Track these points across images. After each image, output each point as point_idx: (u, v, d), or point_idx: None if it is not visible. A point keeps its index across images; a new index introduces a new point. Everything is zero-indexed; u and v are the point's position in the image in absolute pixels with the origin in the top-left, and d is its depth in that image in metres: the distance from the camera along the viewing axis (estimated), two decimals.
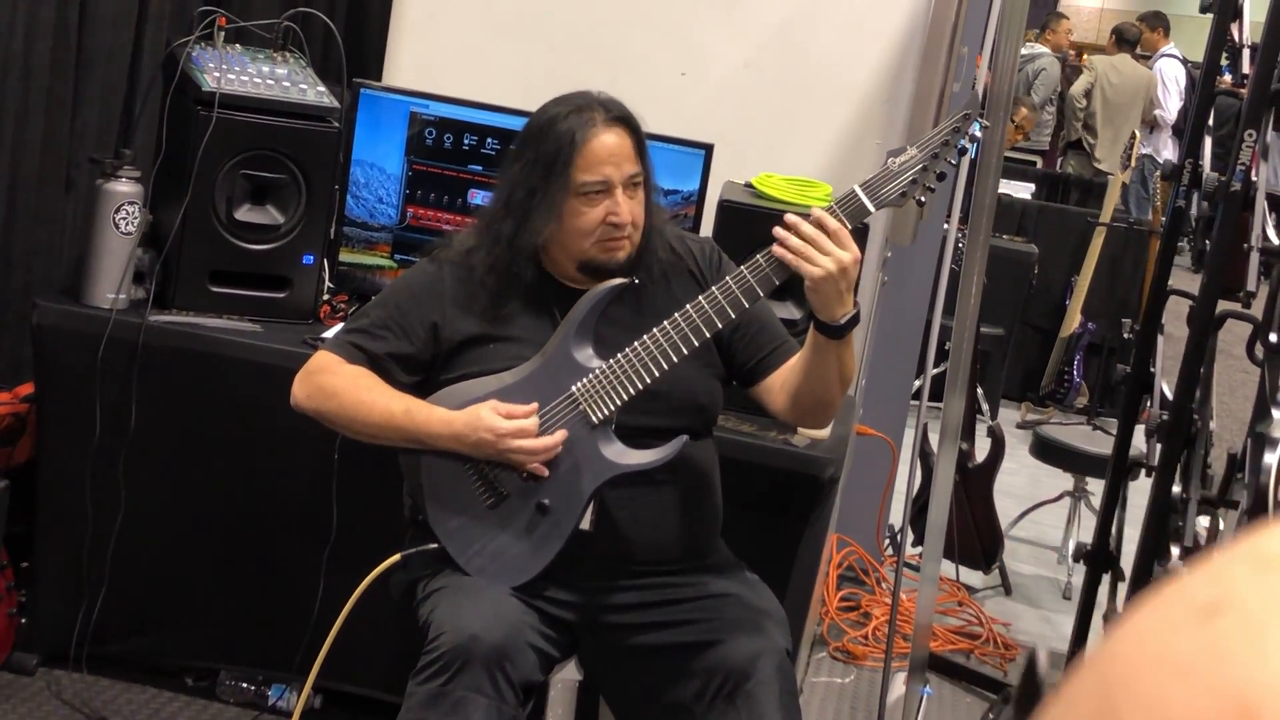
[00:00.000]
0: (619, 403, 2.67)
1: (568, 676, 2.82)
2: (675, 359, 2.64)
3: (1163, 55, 11.47)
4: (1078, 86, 11.15)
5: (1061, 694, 0.42)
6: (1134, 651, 0.41)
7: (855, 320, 2.62)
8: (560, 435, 2.66)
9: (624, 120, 2.76)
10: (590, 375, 2.68)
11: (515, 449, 2.65)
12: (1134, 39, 11.22)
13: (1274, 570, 0.40)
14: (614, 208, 2.71)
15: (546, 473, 2.68)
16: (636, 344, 2.65)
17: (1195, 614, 0.40)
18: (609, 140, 2.72)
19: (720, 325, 2.64)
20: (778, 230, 2.57)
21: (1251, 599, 0.39)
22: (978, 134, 2.66)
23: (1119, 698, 0.40)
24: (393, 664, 3.11)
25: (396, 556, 2.79)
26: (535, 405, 2.68)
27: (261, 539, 3.50)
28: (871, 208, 2.61)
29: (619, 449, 2.69)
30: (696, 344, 2.65)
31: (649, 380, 2.65)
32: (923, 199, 2.66)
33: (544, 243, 2.74)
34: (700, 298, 2.64)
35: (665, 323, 2.65)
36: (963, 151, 2.66)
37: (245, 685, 3.55)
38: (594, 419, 2.68)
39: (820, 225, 2.54)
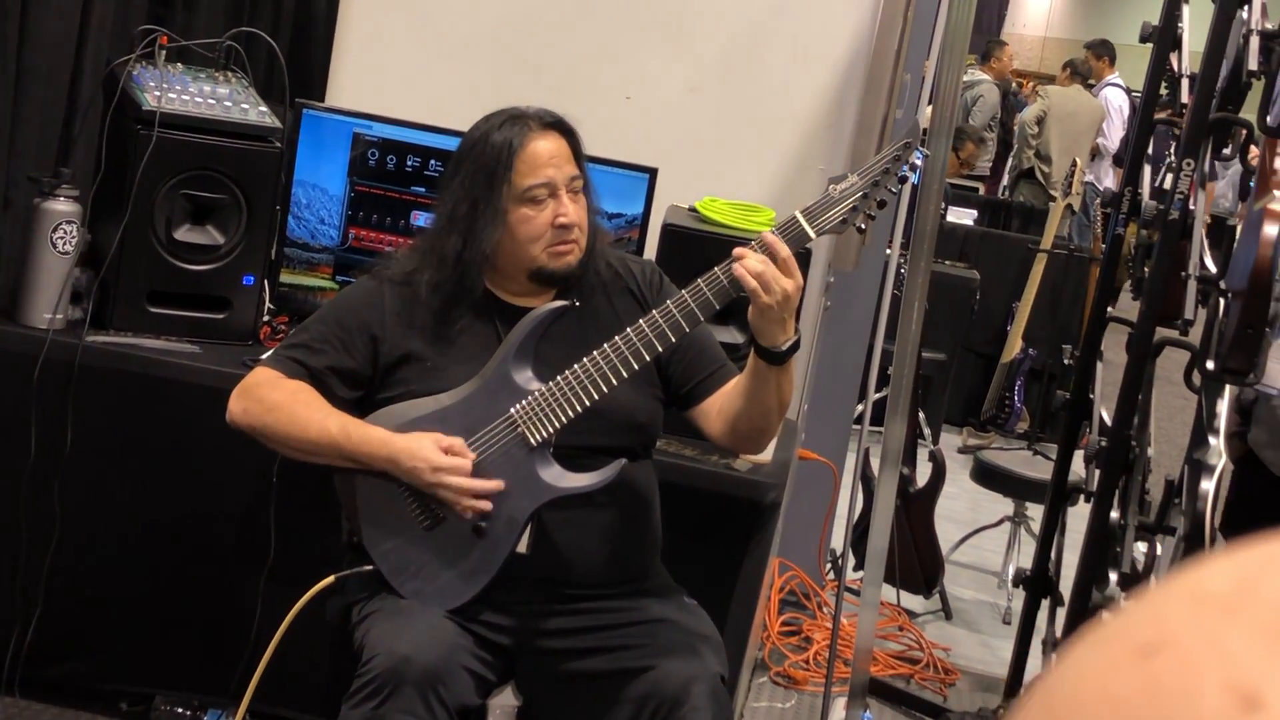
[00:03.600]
0: (558, 425, 2.66)
1: (505, 702, 2.80)
2: (615, 382, 2.63)
3: (1107, 84, 11.58)
4: (1029, 113, 11.23)
5: None
6: (1075, 689, 0.42)
7: (796, 347, 2.62)
8: (496, 484, 2.65)
9: (558, 125, 2.77)
10: (529, 397, 2.67)
11: (446, 485, 2.63)
12: (1087, 74, 11.36)
13: (1209, 609, 0.41)
14: (561, 209, 2.71)
15: (469, 515, 2.66)
16: (576, 366, 2.65)
17: (1134, 653, 0.41)
18: (547, 144, 2.72)
19: (661, 349, 2.64)
20: (739, 250, 2.56)
21: (1187, 638, 0.40)
22: (919, 162, 2.67)
23: None
24: (330, 689, 3.08)
25: (330, 579, 2.76)
26: (472, 454, 2.67)
27: (198, 562, 3.46)
28: (812, 234, 2.61)
29: (557, 472, 2.68)
30: (636, 367, 2.64)
31: (588, 403, 2.64)
32: (863, 226, 2.67)
33: (492, 255, 2.73)
34: (641, 321, 2.64)
35: (605, 345, 2.64)
36: (903, 180, 2.67)
37: (181, 710, 3.51)
38: (532, 441, 2.66)
39: (771, 251, 2.55)
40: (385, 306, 2.78)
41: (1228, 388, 3.15)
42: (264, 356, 2.99)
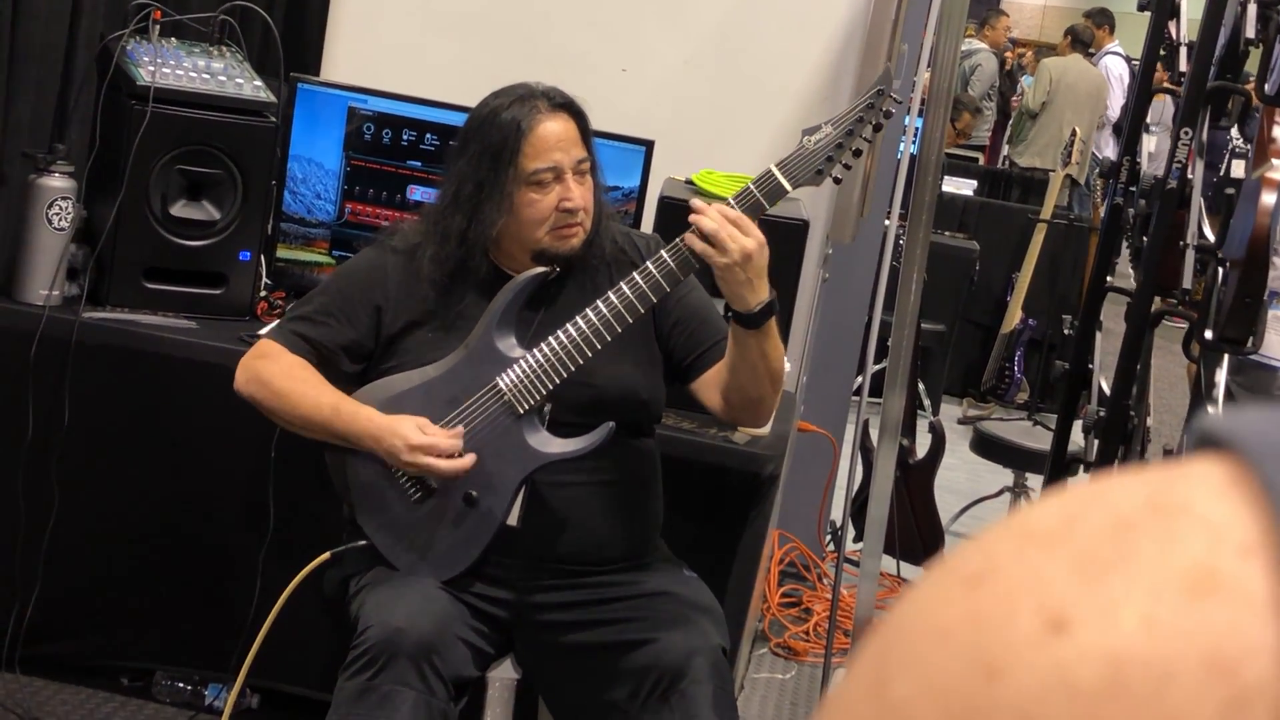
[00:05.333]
0: (544, 392, 2.66)
1: (505, 675, 2.81)
2: (598, 345, 2.63)
3: (1107, 52, 11.54)
4: (1034, 99, 11.10)
5: (852, 662, 0.45)
6: (907, 619, 0.44)
7: (771, 310, 2.61)
8: (469, 460, 2.65)
9: (568, 107, 2.75)
10: (514, 365, 2.67)
11: (421, 464, 2.64)
12: (1088, 40, 11.30)
13: (1034, 543, 0.43)
14: (566, 193, 2.70)
15: (454, 479, 2.67)
16: (560, 332, 2.65)
17: (962, 583, 0.43)
18: (555, 126, 2.71)
19: (642, 310, 2.64)
20: (692, 217, 2.57)
21: (1010, 569, 0.42)
22: (892, 110, 2.67)
23: (890, 661, 0.43)
24: (331, 663, 3.09)
25: (325, 555, 2.77)
26: (461, 430, 2.67)
27: (198, 537, 3.47)
28: (788, 186, 2.61)
29: (544, 438, 2.68)
30: (619, 330, 2.63)
31: (573, 368, 2.65)
32: (839, 177, 2.67)
33: (496, 235, 2.72)
34: (621, 283, 2.64)
35: (588, 310, 2.64)
36: (878, 128, 2.67)
37: (181, 685, 3.52)
38: (519, 409, 2.66)
39: (722, 213, 2.55)
40: (389, 277, 2.78)
41: (1226, 357, 3.14)
42: (260, 334, 2.99)
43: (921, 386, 6.57)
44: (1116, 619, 0.40)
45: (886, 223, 4.84)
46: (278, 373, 2.73)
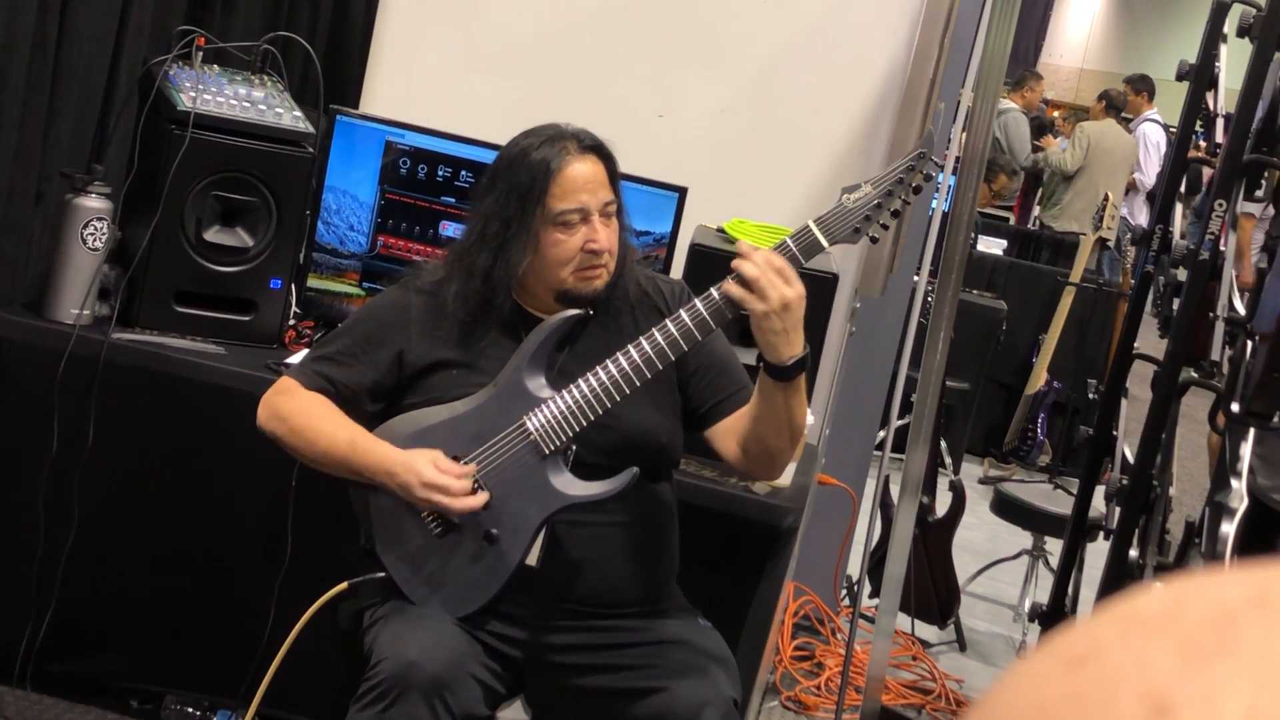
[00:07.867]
0: (570, 434, 2.66)
1: (515, 716, 2.80)
2: (627, 390, 2.63)
3: (1145, 119, 11.55)
4: (1070, 162, 11.09)
5: None
6: (1010, 696, 0.45)
7: (803, 364, 2.60)
8: (480, 498, 2.65)
9: (597, 149, 2.75)
10: (542, 406, 2.67)
11: (435, 502, 2.64)
12: (1121, 106, 11.30)
13: (1137, 628, 0.44)
14: (592, 234, 2.70)
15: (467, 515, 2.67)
16: (590, 375, 2.65)
17: (1065, 664, 0.44)
18: (583, 168, 2.71)
19: (672, 357, 2.63)
20: (735, 261, 2.57)
21: (1112, 653, 0.43)
22: (933, 173, 2.67)
23: None
24: (341, 694, 3.09)
25: (343, 585, 2.76)
26: (474, 467, 2.67)
27: (214, 563, 3.47)
28: (825, 243, 2.61)
29: (568, 479, 2.68)
30: (649, 375, 2.63)
31: (600, 412, 2.64)
32: (875, 236, 2.66)
33: (521, 274, 2.73)
34: (653, 330, 2.64)
35: (619, 355, 2.64)
36: (917, 190, 2.67)
37: (191, 710, 3.51)
38: (545, 449, 2.66)
39: (768, 261, 2.55)
40: (411, 317, 2.79)
41: (1252, 430, 3.13)
42: (287, 362, 3.00)
43: (943, 444, 6.56)
44: (1220, 708, 0.40)
45: (916, 279, 4.85)
46: (296, 409, 2.74)
